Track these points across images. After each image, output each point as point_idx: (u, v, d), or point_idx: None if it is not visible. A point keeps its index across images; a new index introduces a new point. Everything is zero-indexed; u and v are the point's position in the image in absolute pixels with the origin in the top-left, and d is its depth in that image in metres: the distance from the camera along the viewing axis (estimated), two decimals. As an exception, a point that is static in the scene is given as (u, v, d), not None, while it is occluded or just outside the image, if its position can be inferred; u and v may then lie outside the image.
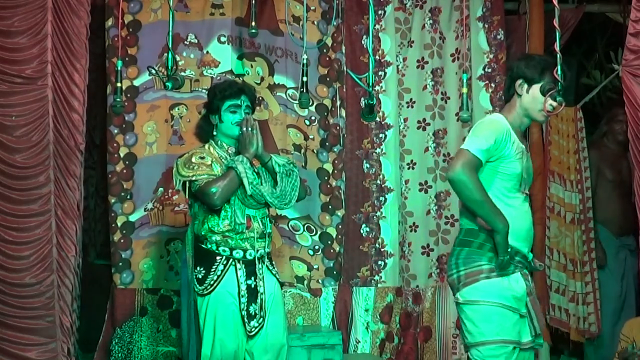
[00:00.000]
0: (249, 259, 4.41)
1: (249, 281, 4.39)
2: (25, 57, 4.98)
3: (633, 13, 4.56)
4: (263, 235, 4.47)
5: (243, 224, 4.39)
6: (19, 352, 5.02)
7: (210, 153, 4.48)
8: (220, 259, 4.39)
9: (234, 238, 4.39)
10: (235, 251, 4.39)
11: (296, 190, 4.54)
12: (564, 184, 6.01)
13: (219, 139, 4.54)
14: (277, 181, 4.50)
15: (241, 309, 4.36)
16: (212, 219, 4.40)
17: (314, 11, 5.91)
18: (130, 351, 5.57)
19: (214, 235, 4.40)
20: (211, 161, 4.43)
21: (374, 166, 5.97)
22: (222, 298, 4.36)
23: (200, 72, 5.74)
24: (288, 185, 4.51)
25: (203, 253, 4.43)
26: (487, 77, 6.08)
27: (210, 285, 4.36)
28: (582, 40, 7.35)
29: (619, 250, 6.26)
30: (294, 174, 4.55)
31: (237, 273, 4.38)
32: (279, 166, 4.51)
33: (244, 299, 4.37)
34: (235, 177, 4.32)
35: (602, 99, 7.13)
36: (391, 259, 5.94)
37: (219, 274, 4.36)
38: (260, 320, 4.40)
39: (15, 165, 4.99)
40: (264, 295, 4.43)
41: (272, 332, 4.44)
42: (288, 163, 4.57)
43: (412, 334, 5.99)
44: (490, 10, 6.08)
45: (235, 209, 4.40)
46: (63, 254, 5.05)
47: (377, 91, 5.93)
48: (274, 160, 4.52)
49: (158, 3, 5.67)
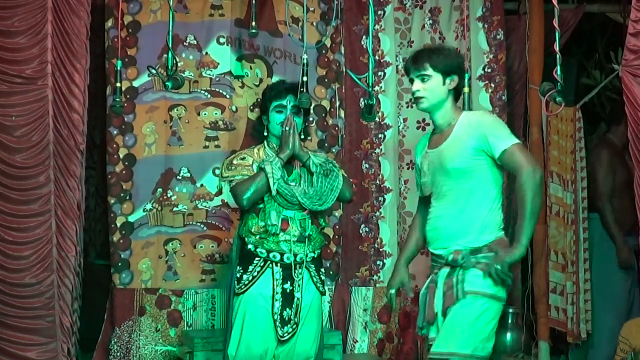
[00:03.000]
0: (286, 263, 4.37)
1: (285, 285, 4.35)
2: (25, 57, 4.98)
3: (633, 13, 4.56)
4: (302, 239, 4.41)
5: (275, 225, 4.34)
6: (19, 352, 5.03)
7: (254, 154, 4.48)
8: (258, 260, 4.37)
9: (269, 240, 4.36)
10: (272, 254, 4.37)
11: (336, 190, 4.45)
12: (563, 184, 6.01)
13: (270, 140, 4.54)
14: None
15: (273, 313, 4.33)
16: (251, 220, 4.39)
17: (313, 12, 5.91)
18: (129, 350, 5.58)
19: (252, 236, 4.39)
20: (252, 162, 4.42)
21: (373, 166, 5.97)
22: (253, 299, 4.34)
23: (199, 73, 5.74)
24: (325, 185, 4.44)
25: (245, 254, 4.42)
26: (486, 77, 6.08)
27: (244, 285, 4.34)
28: (582, 40, 7.34)
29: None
30: (332, 174, 4.47)
31: (274, 276, 4.35)
32: (316, 166, 4.44)
33: (278, 303, 4.33)
34: (264, 178, 4.30)
35: (602, 99, 7.13)
36: (390, 259, 5.94)
37: (255, 275, 4.34)
38: (294, 327, 4.35)
39: (15, 165, 4.99)
40: (301, 302, 4.38)
41: (300, 342, 4.39)
42: (326, 162, 4.50)
43: (411, 334, 5.98)
44: (490, 11, 6.09)
45: (270, 210, 4.37)
46: (63, 254, 5.06)
47: (377, 91, 5.93)
48: (311, 160, 4.46)
49: (158, 4, 5.67)
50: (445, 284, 3.89)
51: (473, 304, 3.83)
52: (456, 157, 3.88)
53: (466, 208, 3.90)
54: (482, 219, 3.90)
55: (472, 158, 3.88)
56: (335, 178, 4.46)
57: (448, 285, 3.88)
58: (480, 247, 3.88)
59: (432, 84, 3.94)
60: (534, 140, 6.06)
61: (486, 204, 3.91)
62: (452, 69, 3.97)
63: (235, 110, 5.76)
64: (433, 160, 4.00)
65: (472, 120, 3.94)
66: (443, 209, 3.95)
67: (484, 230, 3.90)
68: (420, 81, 3.95)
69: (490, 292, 3.86)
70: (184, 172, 5.70)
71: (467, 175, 3.89)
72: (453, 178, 3.91)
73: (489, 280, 3.83)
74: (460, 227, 3.90)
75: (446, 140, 3.95)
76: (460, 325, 3.81)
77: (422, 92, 3.95)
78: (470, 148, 3.87)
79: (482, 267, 3.84)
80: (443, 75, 3.95)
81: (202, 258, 5.70)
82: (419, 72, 3.95)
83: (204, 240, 5.71)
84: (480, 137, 3.87)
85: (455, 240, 3.90)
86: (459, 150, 3.89)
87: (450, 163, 3.90)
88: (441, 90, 3.96)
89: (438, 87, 3.95)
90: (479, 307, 3.84)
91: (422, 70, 3.94)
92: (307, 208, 4.41)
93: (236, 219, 5.68)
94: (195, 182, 5.70)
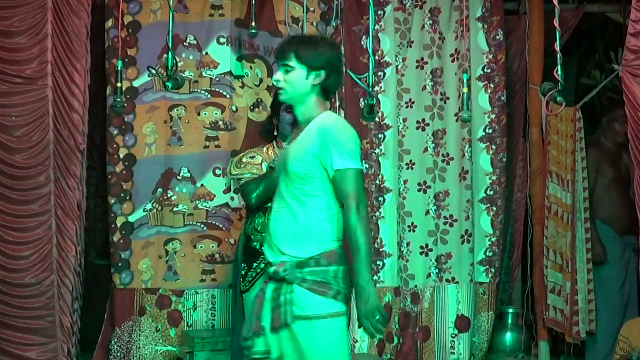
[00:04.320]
0: None
1: None
2: (25, 57, 4.98)
3: (633, 13, 4.55)
4: None
5: None
6: (19, 352, 5.03)
7: (264, 152, 4.46)
8: (263, 257, 4.30)
9: None
10: None
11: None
12: (563, 184, 6.01)
13: (280, 139, 4.54)
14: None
15: None
16: (257, 218, 4.39)
17: (313, 12, 5.91)
18: (129, 350, 5.58)
19: (258, 234, 4.39)
20: (261, 160, 4.41)
21: (372, 166, 5.97)
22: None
23: (199, 73, 5.74)
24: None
25: (249, 251, 4.44)
26: (486, 77, 6.08)
27: (249, 282, 4.34)
28: (582, 40, 7.35)
29: (624, 249, 6.24)
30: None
31: None
32: None
33: None
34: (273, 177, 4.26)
35: (602, 99, 7.13)
36: (390, 259, 5.94)
37: (259, 272, 4.35)
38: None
39: (15, 165, 4.99)
40: None
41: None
42: None
43: (411, 334, 5.99)
44: (490, 11, 6.08)
45: None
46: (63, 254, 5.06)
47: (377, 91, 5.92)
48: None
49: (158, 4, 5.67)
50: (272, 299, 3.62)
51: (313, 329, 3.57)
52: (297, 160, 3.63)
53: (298, 216, 3.63)
54: (313, 230, 3.62)
55: (311, 164, 3.61)
56: None
57: (277, 302, 3.60)
58: (306, 259, 3.59)
59: (293, 76, 3.67)
60: (534, 140, 6.07)
61: (318, 213, 3.63)
62: (320, 64, 3.66)
63: (236, 110, 5.76)
64: (283, 156, 3.79)
65: (322, 125, 3.65)
66: (278, 211, 3.70)
67: (313, 241, 3.62)
68: (282, 71, 3.70)
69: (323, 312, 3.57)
70: (184, 172, 5.70)
71: (304, 180, 3.63)
72: (291, 180, 3.65)
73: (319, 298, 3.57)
74: (290, 235, 3.63)
75: (297, 138, 3.72)
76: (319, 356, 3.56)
77: (282, 83, 3.69)
78: (310, 154, 3.61)
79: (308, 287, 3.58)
80: (308, 69, 3.66)
81: (202, 258, 5.71)
82: (283, 61, 3.70)
83: (204, 240, 5.71)
84: (322, 145, 3.59)
85: (284, 249, 3.63)
86: (301, 153, 3.64)
87: (290, 165, 3.65)
88: (303, 85, 3.68)
89: (300, 81, 3.67)
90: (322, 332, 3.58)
91: (286, 60, 3.68)
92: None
93: (236, 219, 5.68)
94: (196, 182, 5.70)
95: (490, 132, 6.09)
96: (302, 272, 3.59)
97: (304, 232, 3.61)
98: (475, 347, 6.10)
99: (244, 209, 5.53)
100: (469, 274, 6.01)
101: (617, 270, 6.23)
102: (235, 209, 5.69)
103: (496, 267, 6.12)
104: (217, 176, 5.69)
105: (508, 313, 6.35)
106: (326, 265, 3.59)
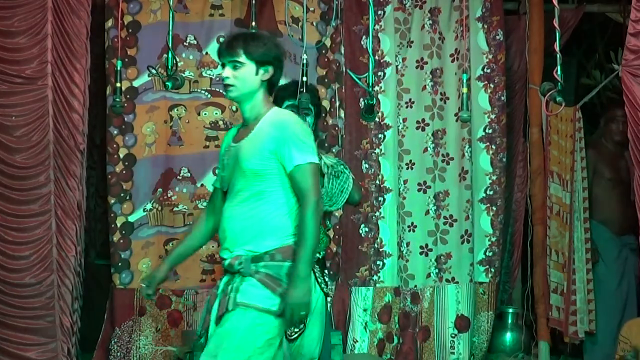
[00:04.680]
0: None
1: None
2: (25, 57, 4.99)
3: (633, 13, 4.56)
4: None
5: None
6: (19, 352, 5.03)
7: None
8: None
9: None
10: None
11: (346, 192, 4.39)
12: (563, 184, 6.01)
13: None
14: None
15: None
16: None
17: (313, 12, 5.91)
18: (129, 350, 5.58)
19: None
20: None
21: (372, 166, 5.97)
22: None
23: (199, 73, 5.74)
24: (336, 187, 4.38)
25: None
26: (486, 77, 6.08)
27: None
28: (582, 40, 7.34)
29: (621, 249, 6.24)
30: (343, 175, 4.41)
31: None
32: (327, 167, 4.39)
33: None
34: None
35: (602, 99, 7.13)
36: (389, 259, 5.94)
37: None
38: (302, 326, 4.19)
39: (15, 165, 5.00)
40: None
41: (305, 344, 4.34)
42: (338, 164, 4.45)
43: (410, 334, 5.99)
44: (490, 11, 6.09)
45: None
46: (63, 254, 5.06)
47: (377, 91, 5.92)
48: (322, 161, 4.37)
49: (158, 4, 5.67)
50: (222, 292, 3.65)
51: (243, 316, 3.56)
52: (252, 157, 3.62)
53: (254, 212, 3.62)
54: (270, 225, 3.62)
55: (268, 160, 3.61)
56: (346, 180, 4.41)
57: (225, 292, 3.63)
58: (262, 253, 3.60)
59: (243, 72, 3.66)
60: (534, 140, 6.06)
61: (276, 209, 3.62)
62: (268, 60, 3.68)
63: (236, 110, 5.75)
64: (233, 155, 3.73)
65: (277, 121, 3.66)
66: (233, 209, 3.68)
67: (269, 236, 3.62)
68: (231, 68, 3.67)
69: (263, 306, 3.56)
70: (184, 172, 5.70)
71: (261, 177, 3.62)
72: (246, 178, 3.64)
73: (266, 292, 3.57)
74: (246, 231, 3.63)
75: (248, 135, 3.69)
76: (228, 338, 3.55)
77: (232, 80, 3.66)
78: (267, 150, 3.60)
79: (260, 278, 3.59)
80: (257, 64, 3.66)
81: (202, 258, 5.70)
82: (231, 58, 3.66)
83: (204, 240, 5.71)
84: (279, 141, 3.59)
85: (240, 245, 3.63)
86: (256, 150, 3.62)
87: (245, 162, 3.63)
88: (253, 80, 3.67)
89: (250, 76, 3.66)
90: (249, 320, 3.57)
91: (235, 56, 3.65)
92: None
93: (236, 219, 5.68)
94: (196, 182, 5.70)
95: (490, 132, 6.09)
96: (257, 265, 3.60)
97: (261, 227, 3.61)
98: (475, 347, 6.11)
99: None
100: (469, 274, 6.01)
101: (613, 270, 6.23)
102: (235, 209, 5.69)
103: (496, 267, 6.12)
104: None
105: (508, 313, 6.34)
106: (281, 261, 3.59)
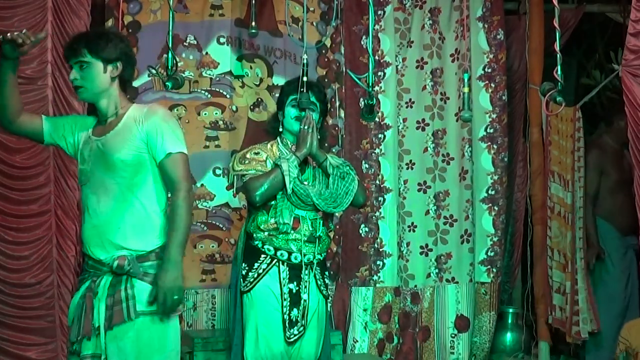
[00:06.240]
0: (294, 262, 4.29)
1: (291, 285, 4.27)
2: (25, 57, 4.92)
3: (633, 13, 4.56)
4: (312, 239, 4.32)
5: (287, 224, 4.26)
6: (19, 352, 5.03)
7: (268, 149, 4.40)
8: (265, 257, 4.29)
9: (279, 238, 4.28)
10: (279, 252, 4.29)
11: (351, 194, 4.38)
12: (564, 184, 6.01)
13: (284, 136, 4.44)
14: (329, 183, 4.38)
15: (283, 313, 4.26)
16: (260, 216, 4.31)
17: (313, 12, 5.91)
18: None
19: (260, 232, 4.30)
20: (266, 157, 4.34)
21: (372, 166, 5.97)
22: (263, 295, 4.26)
23: (200, 73, 5.74)
24: (341, 188, 4.36)
25: (250, 250, 4.35)
26: (486, 77, 6.09)
27: (250, 282, 4.27)
28: (582, 40, 7.35)
29: (627, 249, 6.23)
30: (349, 177, 4.40)
31: (280, 275, 4.28)
32: (333, 168, 4.38)
33: (286, 302, 4.26)
34: (280, 175, 4.22)
35: (602, 99, 7.13)
36: (390, 259, 5.94)
37: (261, 272, 4.27)
38: (301, 329, 4.28)
39: (15, 165, 4.99)
40: (308, 304, 4.31)
41: (305, 346, 4.33)
42: (344, 165, 4.43)
43: (411, 334, 5.99)
44: (490, 11, 6.09)
45: (282, 208, 4.29)
46: (63, 254, 5.06)
47: (377, 91, 5.92)
48: (328, 162, 4.38)
49: (158, 4, 5.66)
50: (109, 297, 3.52)
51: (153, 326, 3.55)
52: (123, 148, 3.57)
53: (132, 207, 3.58)
54: (151, 221, 3.60)
55: (141, 151, 3.58)
56: (352, 182, 4.40)
57: (115, 298, 3.52)
58: (147, 252, 3.58)
59: (91, 71, 3.60)
60: (534, 140, 6.07)
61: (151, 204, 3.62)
62: (114, 56, 3.63)
63: (236, 110, 5.76)
64: (96, 148, 3.65)
65: (146, 112, 3.64)
66: (105, 205, 3.58)
67: (152, 233, 3.60)
68: (78, 69, 3.61)
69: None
70: (184, 172, 5.69)
71: (134, 168, 3.58)
72: (118, 171, 3.57)
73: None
74: (125, 228, 3.56)
75: (114, 129, 3.63)
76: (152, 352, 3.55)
77: (80, 81, 3.61)
78: (138, 140, 3.58)
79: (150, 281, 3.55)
80: (104, 62, 3.61)
81: (202, 258, 5.70)
82: (76, 58, 3.60)
83: (204, 240, 5.70)
84: (150, 132, 3.59)
85: (120, 244, 3.55)
86: (127, 142, 3.58)
87: (116, 153, 3.57)
88: (102, 79, 3.62)
89: (98, 75, 3.61)
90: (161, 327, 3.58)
91: (80, 57, 3.59)
92: (321, 209, 4.34)
93: (236, 219, 5.68)
94: (196, 182, 5.69)
95: (492, 131, 6.10)
96: (143, 266, 3.56)
97: (142, 224, 3.58)
98: (477, 348, 6.11)
99: (244, 208, 5.53)
100: (469, 273, 6.02)
101: (619, 271, 6.21)
102: (236, 208, 5.69)
103: (498, 267, 6.12)
104: (217, 176, 5.69)
105: (508, 313, 6.34)
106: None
